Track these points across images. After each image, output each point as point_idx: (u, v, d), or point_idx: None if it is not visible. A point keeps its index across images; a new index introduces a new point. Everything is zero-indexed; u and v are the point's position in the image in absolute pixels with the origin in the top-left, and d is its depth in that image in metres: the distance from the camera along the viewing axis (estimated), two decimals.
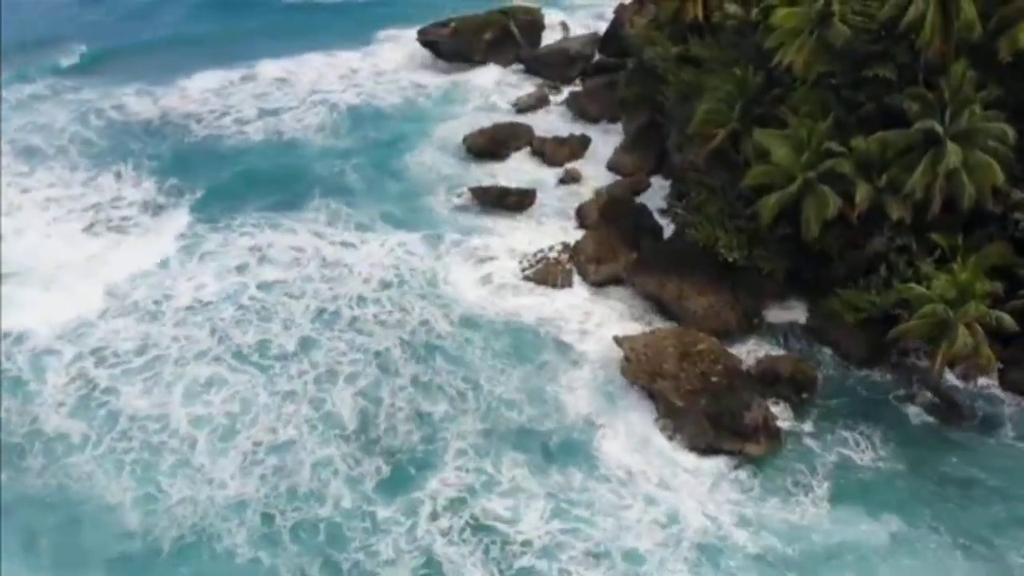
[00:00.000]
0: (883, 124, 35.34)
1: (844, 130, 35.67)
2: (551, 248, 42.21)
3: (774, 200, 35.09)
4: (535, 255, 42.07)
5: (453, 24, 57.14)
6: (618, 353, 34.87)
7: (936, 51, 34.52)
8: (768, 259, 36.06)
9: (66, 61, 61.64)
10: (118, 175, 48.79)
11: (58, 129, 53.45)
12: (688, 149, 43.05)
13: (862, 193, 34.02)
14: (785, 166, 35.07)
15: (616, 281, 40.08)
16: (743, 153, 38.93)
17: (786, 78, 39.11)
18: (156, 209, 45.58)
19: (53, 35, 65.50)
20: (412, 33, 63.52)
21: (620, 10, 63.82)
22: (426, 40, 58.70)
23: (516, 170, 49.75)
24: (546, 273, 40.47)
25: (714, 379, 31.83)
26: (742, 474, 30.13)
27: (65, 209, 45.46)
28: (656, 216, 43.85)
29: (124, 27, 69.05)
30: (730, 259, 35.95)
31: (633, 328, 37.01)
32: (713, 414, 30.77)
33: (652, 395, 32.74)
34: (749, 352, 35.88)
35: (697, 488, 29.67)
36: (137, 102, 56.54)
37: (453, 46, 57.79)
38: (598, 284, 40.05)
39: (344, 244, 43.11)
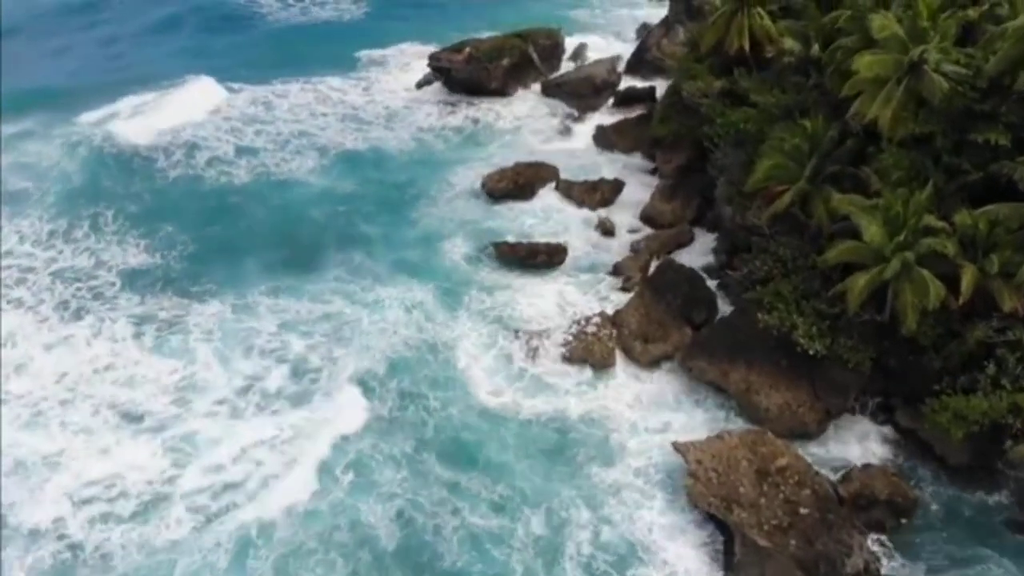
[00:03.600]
0: (990, 196, 30.30)
1: (944, 202, 30.60)
2: (589, 319, 36.92)
3: (863, 283, 29.94)
4: (570, 327, 36.83)
5: (468, 49, 51.56)
6: (679, 459, 29.87)
7: None
8: (854, 349, 30.92)
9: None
10: (95, 226, 43.13)
11: (30, 165, 47.86)
12: (741, 204, 37.84)
13: (968, 279, 28.94)
14: (876, 245, 29.90)
15: (667, 360, 34.98)
16: (815, 218, 33.81)
17: (855, 126, 34.27)
18: (135, 278, 39.61)
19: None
20: (410, 55, 58.77)
21: (646, 33, 58.77)
22: (438, 67, 53.07)
23: (542, 218, 44.55)
24: (585, 351, 35.24)
25: (803, 511, 26.72)
26: None
27: (31, 292, 38.61)
28: (701, 272, 38.94)
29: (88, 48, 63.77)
30: (811, 352, 30.79)
31: (693, 425, 32.04)
32: (806, 560, 25.67)
33: (726, 524, 27.53)
34: (831, 458, 30.87)
35: None
36: (108, 132, 50.81)
37: (467, 73, 52.15)
38: (647, 365, 34.90)
39: (353, 315, 37.65)
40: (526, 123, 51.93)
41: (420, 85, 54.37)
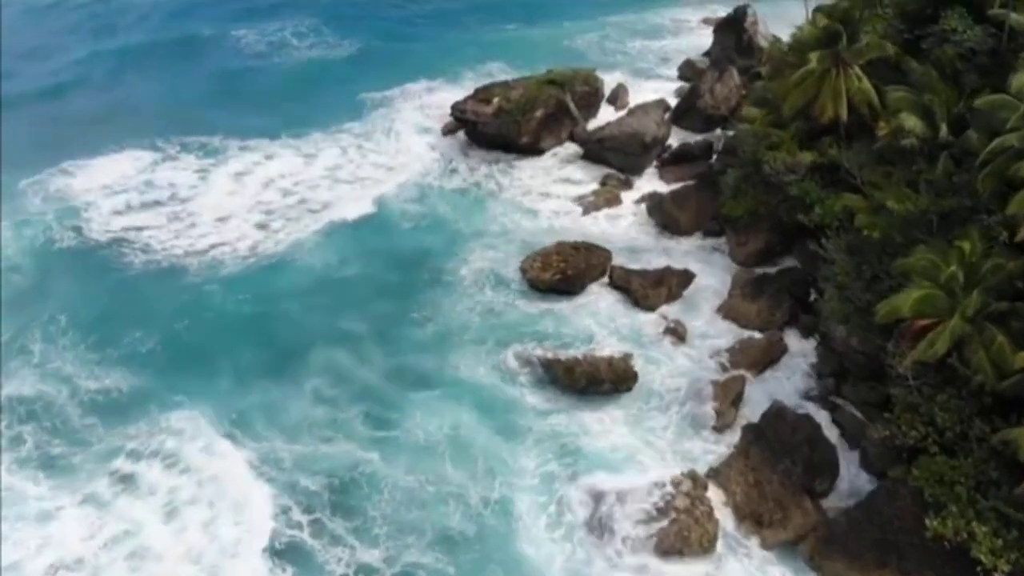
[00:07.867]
0: None
1: None
2: (677, 485, 29.08)
3: None
4: (650, 491, 28.86)
5: (497, 100, 43.24)
6: None
7: None
8: None
9: None
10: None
11: None
12: (862, 330, 30.22)
13: None
14: None
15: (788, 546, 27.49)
16: (976, 368, 26.30)
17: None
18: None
19: None
20: (415, 95, 50.81)
21: (693, 74, 50.97)
22: (463, 118, 44.73)
23: (594, 316, 36.88)
24: (678, 538, 27.34)
25: None
26: None
27: None
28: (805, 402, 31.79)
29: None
30: (995, 573, 23.40)
31: None
32: None
33: None
34: None
35: None
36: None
37: (495, 127, 43.90)
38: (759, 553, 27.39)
39: (367, 457, 30.20)
40: (563, 188, 43.76)
41: (445, 133, 46.15)
